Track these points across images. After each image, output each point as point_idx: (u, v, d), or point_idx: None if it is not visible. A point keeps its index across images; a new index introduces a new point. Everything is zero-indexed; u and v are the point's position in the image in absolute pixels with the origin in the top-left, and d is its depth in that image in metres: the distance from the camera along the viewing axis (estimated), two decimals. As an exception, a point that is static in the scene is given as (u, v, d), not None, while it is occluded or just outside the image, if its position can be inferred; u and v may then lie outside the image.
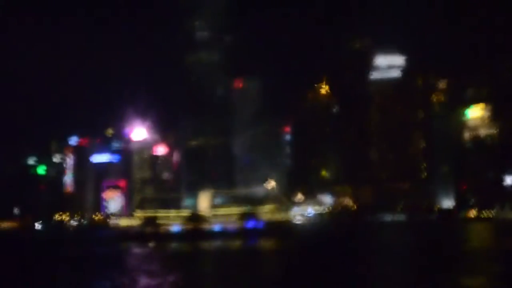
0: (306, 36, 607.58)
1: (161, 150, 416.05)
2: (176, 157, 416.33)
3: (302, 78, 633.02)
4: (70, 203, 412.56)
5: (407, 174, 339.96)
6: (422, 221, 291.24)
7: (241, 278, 65.54)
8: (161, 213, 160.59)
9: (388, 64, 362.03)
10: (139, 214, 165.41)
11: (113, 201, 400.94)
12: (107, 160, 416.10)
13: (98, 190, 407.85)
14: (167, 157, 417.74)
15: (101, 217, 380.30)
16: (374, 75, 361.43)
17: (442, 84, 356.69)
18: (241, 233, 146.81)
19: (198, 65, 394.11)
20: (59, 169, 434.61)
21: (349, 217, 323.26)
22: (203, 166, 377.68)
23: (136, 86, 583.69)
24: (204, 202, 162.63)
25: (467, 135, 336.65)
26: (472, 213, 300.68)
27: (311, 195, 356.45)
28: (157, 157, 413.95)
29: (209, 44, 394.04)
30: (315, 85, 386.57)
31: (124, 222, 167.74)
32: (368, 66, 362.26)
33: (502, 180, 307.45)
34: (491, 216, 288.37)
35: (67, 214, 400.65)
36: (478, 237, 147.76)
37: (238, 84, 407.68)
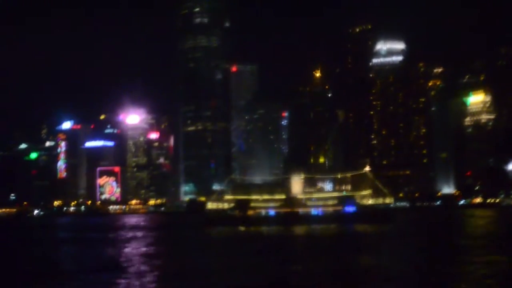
0: (306, 21, 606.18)
1: (156, 135, 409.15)
2: (172, 142, 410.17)
3: (300, 63, 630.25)
4: (64, 189, 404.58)
5: (408, 160, 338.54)
6: (426, 207, 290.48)
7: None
8: (254, 196, 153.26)
9: (388, 50, 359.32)
10: (230, 197, 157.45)
11: (108, 187, 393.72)
12: (101, 146, 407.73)
13: (92, 176, 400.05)
14: (162, 143, 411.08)
15: (100, 204, 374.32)
16: (375, 61, 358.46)
17: (442, 70, 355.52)
18: (338, 217, 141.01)
19: (194, 50, 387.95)
20: (52, 155, 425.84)
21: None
22: (201, 151, 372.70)
23: (131, 71, 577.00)
24: (297, 185, 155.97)
25: (467, 120, 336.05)
26: (477, 199, 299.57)
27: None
28: (152, 142, 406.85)
29: (206, 29, 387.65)
30: (315, 70, 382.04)
31: (212, 205, 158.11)
32: (368, 51, 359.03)
33: (504, 166, 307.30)
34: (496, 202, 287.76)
35: (61, 200, 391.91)
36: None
37: (235, 69, 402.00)
